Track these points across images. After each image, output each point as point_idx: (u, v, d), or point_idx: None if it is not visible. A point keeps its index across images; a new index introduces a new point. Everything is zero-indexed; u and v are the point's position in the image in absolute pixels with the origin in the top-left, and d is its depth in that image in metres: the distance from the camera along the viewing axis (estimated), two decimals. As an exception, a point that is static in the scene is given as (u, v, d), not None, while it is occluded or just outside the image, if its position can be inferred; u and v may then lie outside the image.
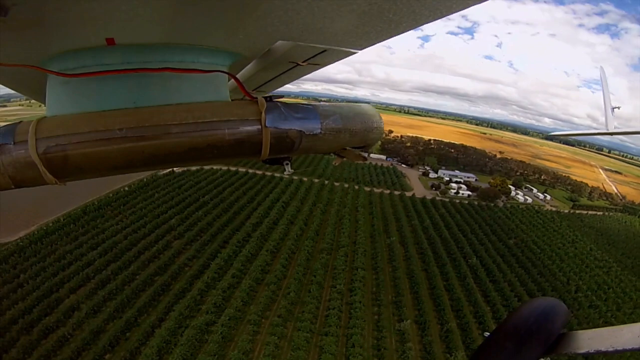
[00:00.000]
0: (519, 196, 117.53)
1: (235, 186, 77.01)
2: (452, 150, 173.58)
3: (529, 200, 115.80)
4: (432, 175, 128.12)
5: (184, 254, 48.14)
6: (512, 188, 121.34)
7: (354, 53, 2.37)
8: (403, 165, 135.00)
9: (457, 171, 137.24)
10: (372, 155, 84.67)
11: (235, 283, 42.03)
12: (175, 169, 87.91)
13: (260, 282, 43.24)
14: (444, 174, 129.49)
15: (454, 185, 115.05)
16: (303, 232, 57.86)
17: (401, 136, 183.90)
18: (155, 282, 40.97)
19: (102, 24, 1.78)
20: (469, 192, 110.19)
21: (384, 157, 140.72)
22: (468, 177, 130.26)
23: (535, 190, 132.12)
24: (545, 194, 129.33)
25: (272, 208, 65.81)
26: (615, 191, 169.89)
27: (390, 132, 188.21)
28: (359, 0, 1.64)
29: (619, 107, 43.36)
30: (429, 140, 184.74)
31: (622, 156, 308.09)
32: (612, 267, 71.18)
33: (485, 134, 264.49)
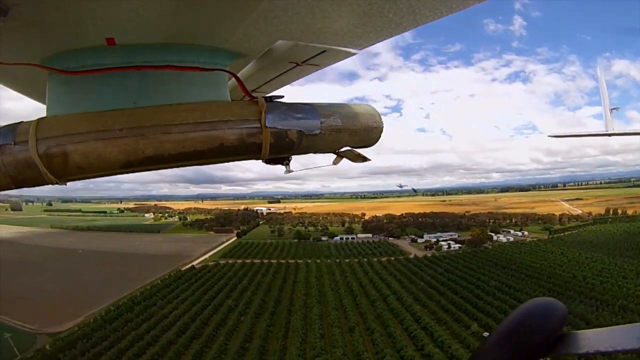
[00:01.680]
0: (501, 238, 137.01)
1: (261, 272, 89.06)
2: (427, 219, 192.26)
3: (511, 239, 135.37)
4: (419, 240, 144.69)
5: (257, 324, 54.50)
6: (492, 234, 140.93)
7: (354, 54, 2.49)
8: (390, 238, 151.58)
9: (438, 233, 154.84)
10: (359, 235, 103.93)
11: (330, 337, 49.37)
12: (194, 263, 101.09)
13: (352, 331, 50.45)
14: (429, 237, 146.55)
15: (443, 243, 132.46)
16: (348, 291, 70.89)
17: (375, 216, 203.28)
18: (249, 348, 47.31)
19: (102, 24, 1.90)
20: (459, 245, 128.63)
21: (370, 235, 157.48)
22: (451, 236, 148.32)
23: (512, 231, 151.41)
24: (523, 231, 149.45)
25: (308, 283, 77.71)
26: (581, 212, 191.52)
27: (364, 214, 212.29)
28: (359, 0, 1.78)
29: (617, 108, 48.72)
30: (401, 214, 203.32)
31: (577, 185, 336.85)
32: (603, 259, 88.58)
33: (444, 201, 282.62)
